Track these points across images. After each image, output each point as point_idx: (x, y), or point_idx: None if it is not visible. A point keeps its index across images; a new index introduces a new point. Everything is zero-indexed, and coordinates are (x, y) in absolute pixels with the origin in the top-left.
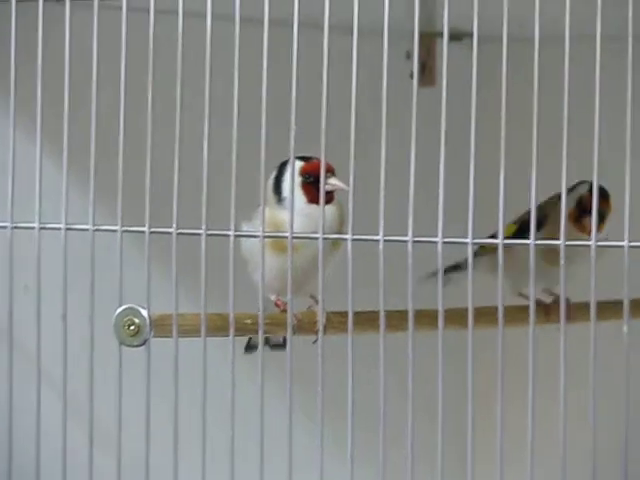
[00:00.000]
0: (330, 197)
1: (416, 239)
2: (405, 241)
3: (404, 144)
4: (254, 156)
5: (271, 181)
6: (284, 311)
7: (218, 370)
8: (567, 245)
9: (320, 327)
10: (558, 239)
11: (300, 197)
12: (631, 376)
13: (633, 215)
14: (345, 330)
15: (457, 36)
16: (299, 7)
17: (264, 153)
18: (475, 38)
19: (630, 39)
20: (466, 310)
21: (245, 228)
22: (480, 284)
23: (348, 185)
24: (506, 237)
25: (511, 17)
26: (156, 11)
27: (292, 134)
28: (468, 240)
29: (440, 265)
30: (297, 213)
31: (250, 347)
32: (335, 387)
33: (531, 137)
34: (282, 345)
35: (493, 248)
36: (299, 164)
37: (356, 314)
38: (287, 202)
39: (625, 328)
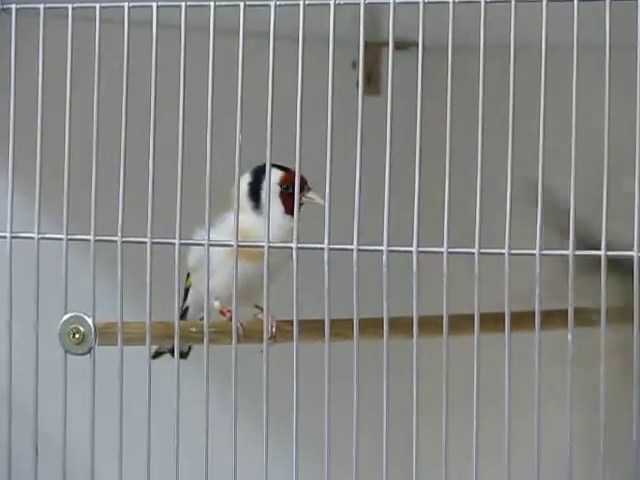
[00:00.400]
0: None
1: (361, 247)
2: (351, 249)
3: (351, 153)
4: (201, 164)
5: (246, 187)
6: (230, 320)
7: (163, 378)
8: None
9: (265, 335)
10: None
11: (279, 207)
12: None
13: None
14: (292, 338)
15: (403, 45)
16: (244, 17)
17: (238, 166)
18: (420, 47)
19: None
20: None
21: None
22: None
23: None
24: None
25: (457, 26)
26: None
27: (269, 144)
28: (412, 249)
29: (385, 274)
30: (272, 223)
31: (158, 354)
32: (281, 394)
33: (477, 145)
34: (186, 353)
35: None
36: (279, 173)
37: (303, 323)
38: (264, 209)
39: (569, 336)
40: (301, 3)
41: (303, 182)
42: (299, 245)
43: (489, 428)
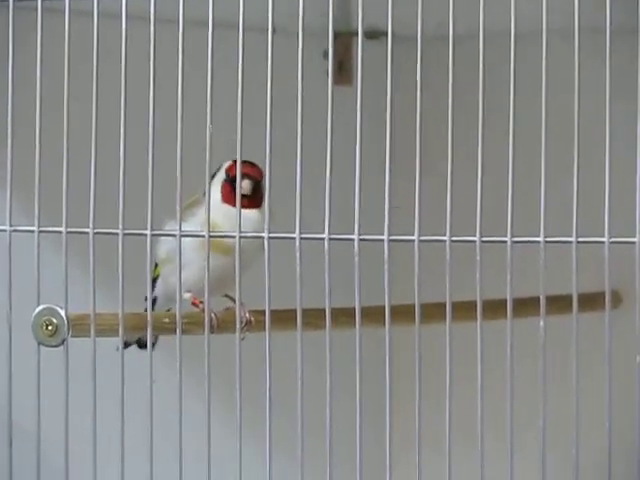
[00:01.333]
0: (255, 203)
1: (332, 236)
2: (322, 239)
3: (322, 143)
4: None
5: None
6: (203, 311)
7: (135, 369)
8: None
9: (238, 326)
10: None
11: (217, 195)
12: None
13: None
14: (264, 328)
15: (374, 34)
16: (213, 7)
17: (209, 156)
18: (389, 36)
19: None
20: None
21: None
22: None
23: (263, 191)
24: None
25: (428, 16)
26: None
27: (239, 136)
28: (384, 237)
29: (357, 262)
30: (215, 211)
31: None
32: (254, 383)
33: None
34: (153, 344)
35: None
36: (228, 163)
37: (275, 312)
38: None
39: (541, 323)
40: None
41: (248, 174)
42: (270, 235)
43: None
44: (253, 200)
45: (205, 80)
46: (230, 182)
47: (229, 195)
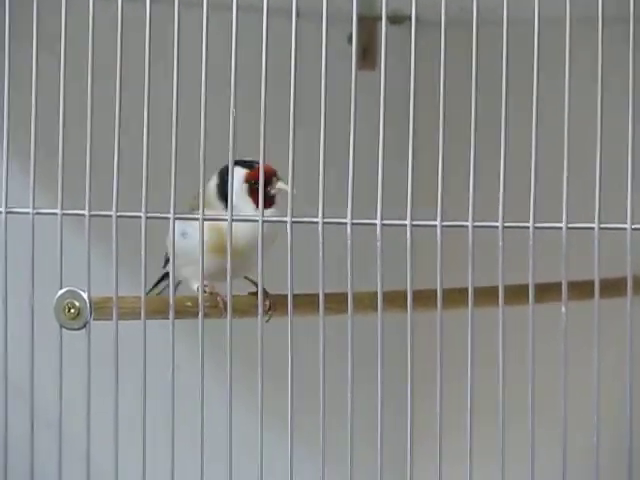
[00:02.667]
0: (272, 201)
1: (355, 221)
2: (345, 223)
3: (346, 127)
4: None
5: (215, 188)
6: (211, 293)
7: (158, 352)
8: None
9: (260, 309)
10: None
11: (250, 204)
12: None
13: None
14: (287, 312)
15: (398, 19)
16: None
17: (232, 142)
18: (413, 21)
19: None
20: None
21: (183, 228)
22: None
23: (292, 188)
24: None
25: (451, 1)
26: None
27: (262, 122)
28: (407, 222)
29: (379, 247)
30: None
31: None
32: (276, 367)
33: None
34: None
35: None
36: (242, 171)
37: (297, 297)
38: (235, 209)
39: (563, 309)
40: None
41: (271, 174)
42: (293, 219)
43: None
44: (272, 199)
45: (228, 64)
46: (257, 188)
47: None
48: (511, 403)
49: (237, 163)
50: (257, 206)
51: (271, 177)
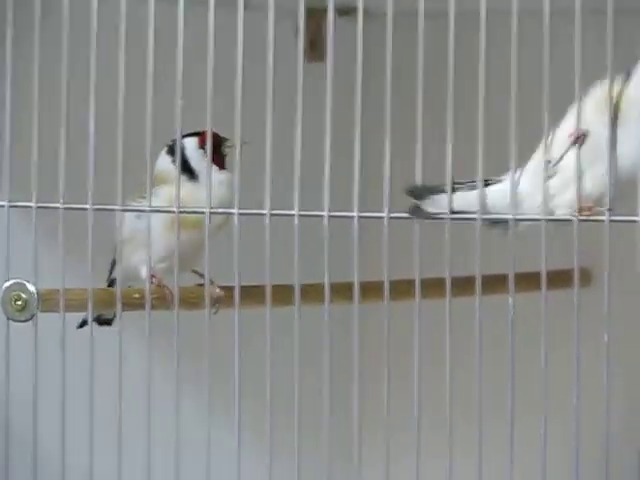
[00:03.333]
0: (220, 162)
1: (302, 213)
2: (292, 215)
3: (294, 119)
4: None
5: (170, 164)
6: (159, 286)
7: (103, 345)
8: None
9: (207, 301)
10: None
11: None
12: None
13: None
14: (234, 305)
15: (346, 11)
16: None
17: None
18: (360, 12)
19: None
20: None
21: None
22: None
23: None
24: None
25: None
26: None
27: (209, 110)
28: (354, 214)
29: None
30: (216, 185)
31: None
32: (223, 360)
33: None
34: (110, 320)
35: None
36: (194, 140)
37: (245, 288)
38: (203, 176)
39: (510, 300)
40: None
41: (218, 137)
42: (241, 211)
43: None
44: (219, 160)
45: (174, 55)
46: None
47: (220, 160)
48: (459, 398)
49: (184, 137)
50: (219, 167)
51: (220, 139)
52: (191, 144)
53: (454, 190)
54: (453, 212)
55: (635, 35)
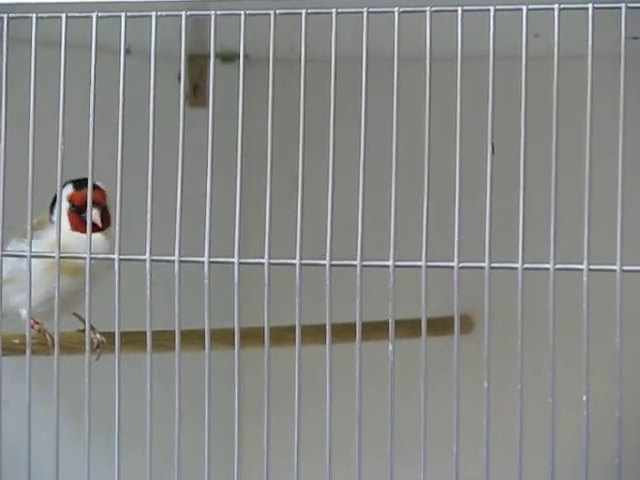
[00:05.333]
0: (103, 227)
1: (183, 259)
2: (172, 261)
3: (177, 164)
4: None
5: (48, 207)
6: (39, 331)
7: None
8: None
9: (88, 347)
10: None
11: (66, 224)
12: None
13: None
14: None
15: (230, 57)
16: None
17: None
18: (242, 59)
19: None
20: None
21: (21, 248)
22: None
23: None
24: None
25: (283, 39)
26: None
27: (90, 155)
28: (234, 260)
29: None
30: (63, 236)
31: None
32: (105, 404)
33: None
34: None
35: None
36: (68, 190)
37: (125, 334)
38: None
39: (390, 346)
40: (123, 15)
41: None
42: (121, 257)
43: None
44: (102, 224)
45: (57, 100)
46: (76, 211)
47: (78, 224)
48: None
49: (75, 182)
50: (73, 228)
51: (97, 201)
52: (65, 192)
53: None
54: None
55: None
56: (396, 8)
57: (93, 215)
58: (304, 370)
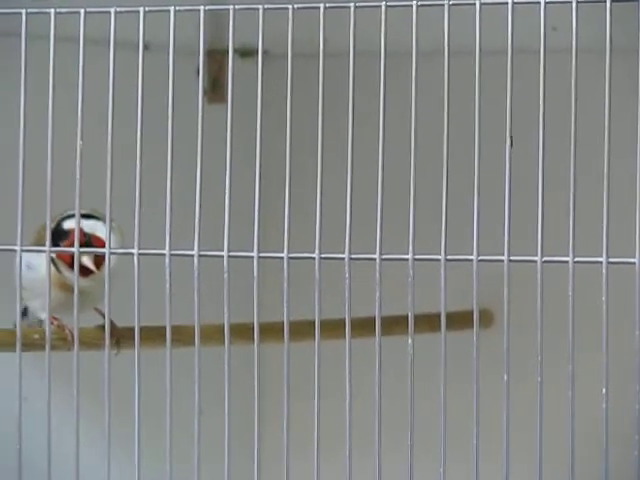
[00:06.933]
0: (88, 272)
1: (202, 253)
2: (192, 255)
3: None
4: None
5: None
6: (59, 327)
7: (7, 384)
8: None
9: (107, 342)
10: None
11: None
12: None
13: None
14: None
15: (248, 52)
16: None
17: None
18: (260, 54)
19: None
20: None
21: (28, 261)
22: None
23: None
24: None
25: (301, 34)
26: None
27: (109, 152)
28: (253, 254)
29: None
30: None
31: None
32: (125, 400)
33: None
34: None
35: None
36: (69, 225)
37: (145, 329)
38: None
39: (410, 341)
40: (141, 10)
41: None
42: (140, 251)
43: None
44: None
45: (75, 95)
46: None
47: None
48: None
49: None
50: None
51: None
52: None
53: None
54: None
55: None
56: (414, 1)
57: (86, 261)
58: (323, 365)
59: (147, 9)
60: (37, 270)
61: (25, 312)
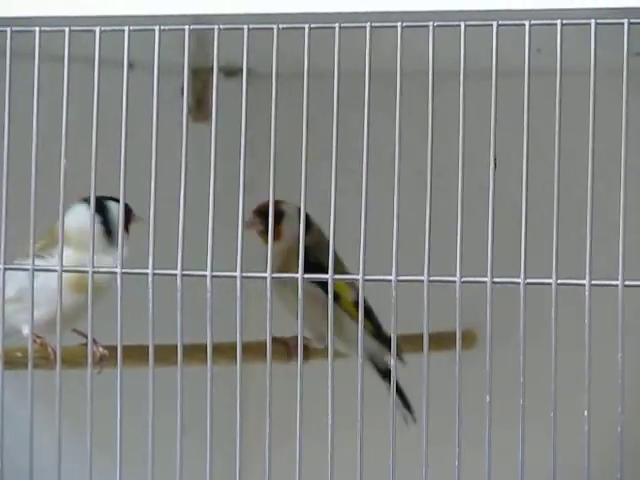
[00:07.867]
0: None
1: (185, 272)
2: (175, 275)
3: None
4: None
5: (100, 227)
6: (42, 345)
7: None
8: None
9: (90, 360)
10: None
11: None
12: None
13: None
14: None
15: (233, 72)
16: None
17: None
18: (244, 73)
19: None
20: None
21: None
22: None
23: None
24: None
25: (285, 53)
26: None
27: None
28: (236, 274)
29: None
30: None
31: None
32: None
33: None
34: None
35: None
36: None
37: (127, 348)
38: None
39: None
40: (126, 29)
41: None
42: (124, 270)
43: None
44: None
45: (59, 114)
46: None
47: None
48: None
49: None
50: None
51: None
52: (115, 209)
53: None
54: None
55: None
56: (399, 22)
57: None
58: (305, 385)
59: (132, 28)
60: (46, 276)
61: None
